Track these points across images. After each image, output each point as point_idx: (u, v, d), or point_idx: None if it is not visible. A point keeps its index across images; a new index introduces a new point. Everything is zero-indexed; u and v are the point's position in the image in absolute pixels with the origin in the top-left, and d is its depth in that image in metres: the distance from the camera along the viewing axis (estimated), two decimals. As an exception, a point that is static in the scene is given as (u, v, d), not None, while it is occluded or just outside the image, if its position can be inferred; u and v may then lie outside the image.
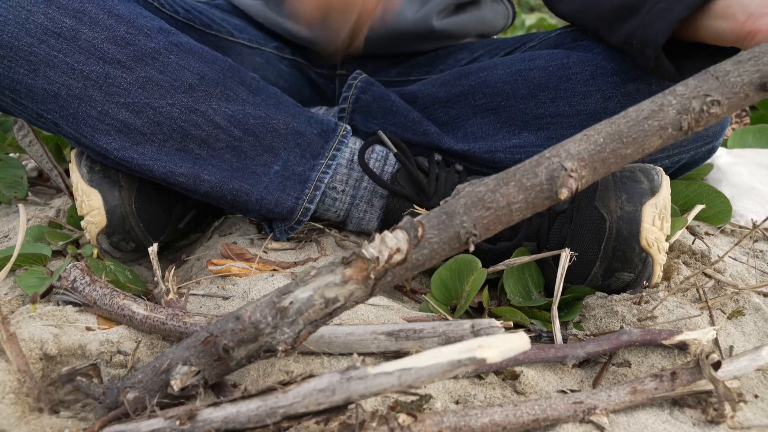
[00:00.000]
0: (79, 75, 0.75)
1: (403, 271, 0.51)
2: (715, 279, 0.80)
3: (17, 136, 0.99)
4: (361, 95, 0.94)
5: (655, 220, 0.74)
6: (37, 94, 0.75)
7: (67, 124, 0.77)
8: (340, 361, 0.64)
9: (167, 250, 0.98)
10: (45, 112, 0.77)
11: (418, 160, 0.88)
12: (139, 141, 0.79)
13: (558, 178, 0.50)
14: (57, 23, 0.74)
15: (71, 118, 0.77)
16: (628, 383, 0.59)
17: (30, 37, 0.73)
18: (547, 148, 0.54)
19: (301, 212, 0.86)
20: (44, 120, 0.78)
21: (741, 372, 0.62)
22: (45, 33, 0.73)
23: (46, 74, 0.74)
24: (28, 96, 0.76)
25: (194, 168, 0.82)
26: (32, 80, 0.75)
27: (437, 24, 1.02)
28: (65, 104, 0.76)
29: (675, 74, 0.75)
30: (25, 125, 0.96)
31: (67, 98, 0.76)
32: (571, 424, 0.56)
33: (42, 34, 0.73)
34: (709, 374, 0.57)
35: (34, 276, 0.77)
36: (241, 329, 0.50)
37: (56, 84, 0.75)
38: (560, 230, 0.80)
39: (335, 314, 0.50)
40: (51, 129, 0.79)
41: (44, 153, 0.97)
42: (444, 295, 0.76)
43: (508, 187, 0.51)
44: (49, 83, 0.75)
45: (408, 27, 1.01)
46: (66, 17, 0.74)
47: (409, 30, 1.02)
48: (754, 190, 1.05)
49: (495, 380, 0.63)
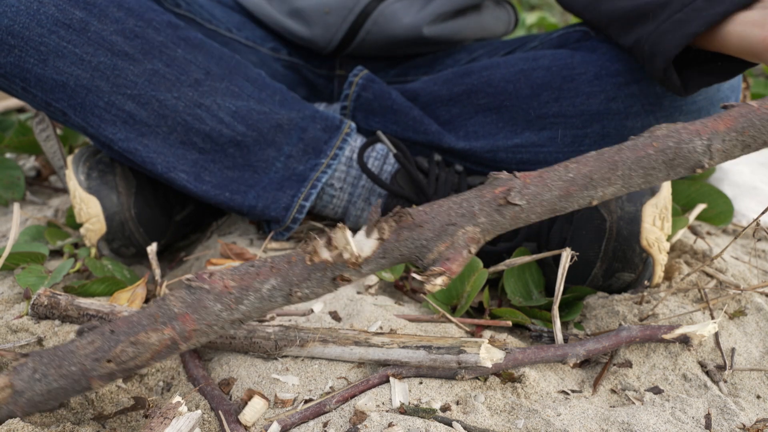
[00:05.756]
0: (88, 66, 0.76)
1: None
2: (717, 279, 0.80)
3: (35, 129, 0.99)
4: (362, 93, 0.94)
5: (656, 220, 0.73)
6: (46, 84, 0.77)
7: (74, 113, 0.78)
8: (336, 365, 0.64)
9: (167, 251, 0.98)
10: (53, 101, 0.78)
11: (418, 161, 0.88)
12: (144, 132, 0.80)
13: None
14: (67, 14, 0.75)
15: (78, 107, 0.78)
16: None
17: (41, 28, 0.74)
18: (549, 148, 0.53)
19: (297, 209, 0.86)
20: (53, 108, 0.79)
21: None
22: (55, 24, 0.75)
23: (55, 64, 0.76)
24: (37, 85, 0.77)
25: (195, 166, 0.83)
26: (42, 70, 0.76)
27: (429, 31, 1.01)
28: (73, 94, 0.77)
29: (680, 88, 0.73)
30: (46, 119, 0.96)
31: (75, 88, 0.77)
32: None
33: (52, 25, 0.75)
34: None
35: (32, 275, 0.77)
36: None
37: (65, 74, 0.76)
38: (560, 230, 0.80)
39: None
40: (59, 118, 0.81)
41: (58, 150, 0.97)
42: (445, 294, 0.76)
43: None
44: (58, 73, 0.76)
45: (403, 32, 1.01)
46: (76, 9, 0.76)
47: (404, 35, 1.01)
48: (756, 189, 1.04)
49: (496, 381, 0.63)
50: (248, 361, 0.63)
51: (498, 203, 0.52)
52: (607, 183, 0.53)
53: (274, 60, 1.06)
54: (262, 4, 1.05)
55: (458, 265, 0.51)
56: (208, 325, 0.51)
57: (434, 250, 0.51)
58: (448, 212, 0.52)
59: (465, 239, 0.51)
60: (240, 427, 0.56)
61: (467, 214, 0.52)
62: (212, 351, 0.66)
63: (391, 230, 0.51)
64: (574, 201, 0.53)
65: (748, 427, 0.59)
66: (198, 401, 0.59)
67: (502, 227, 0.53)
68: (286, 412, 0.57)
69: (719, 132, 0.53)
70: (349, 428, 0.55)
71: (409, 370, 0.61)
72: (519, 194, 0.52)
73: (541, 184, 0.52)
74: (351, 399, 0.59)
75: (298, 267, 0.52)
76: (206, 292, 0.51)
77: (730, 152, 0.54)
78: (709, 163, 0.54)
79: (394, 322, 0.69)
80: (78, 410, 0.60)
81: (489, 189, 0.53)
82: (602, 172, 0.53)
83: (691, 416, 0.59)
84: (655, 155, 0.53)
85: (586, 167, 0.53)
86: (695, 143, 0.53)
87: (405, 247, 0.51)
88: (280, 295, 0.52)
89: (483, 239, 0.52)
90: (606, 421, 0.57)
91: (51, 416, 0.60)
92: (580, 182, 0.53)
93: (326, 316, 0.71)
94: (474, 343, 0.60)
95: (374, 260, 0.51)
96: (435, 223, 0.51)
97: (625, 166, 0.53)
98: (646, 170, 0.53)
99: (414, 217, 0.51)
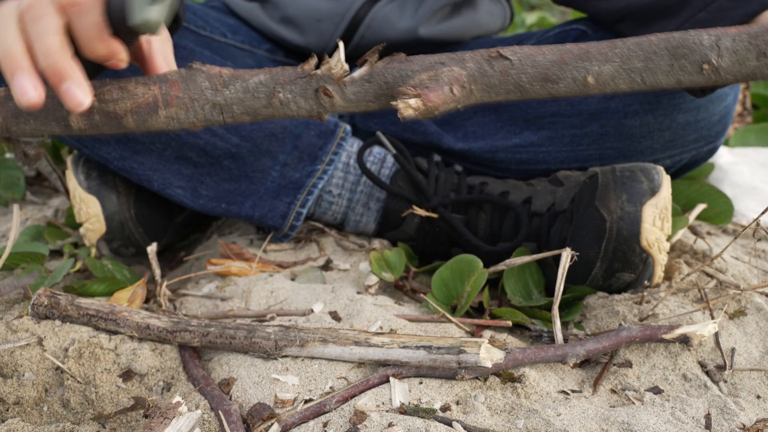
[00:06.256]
0: None
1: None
2: (717, 279, 0.79)
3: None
4: None
5: (656, 221, 0.73)
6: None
7: (67, 134, 0.78)
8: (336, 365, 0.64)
9: (167, 251, 0.98)
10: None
11: (417, 161, 0.88)
12: (139, 150, 0.80)
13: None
14: None
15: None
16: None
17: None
18: (548, 147, 0.54)
19: (294, 216, 0.85)
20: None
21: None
22: None
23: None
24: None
25: (192, 181, 0.83)
26: None
27: (426, 32, 1.01)
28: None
29: (697, 90, 0.73)
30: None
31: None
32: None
33: None
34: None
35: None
36: None
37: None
38: (560, 230, 0.80)
39: None
40: (53, 136, 0.80)
41: (43, 156, 0.97)
42: (445, 294, 0.76)
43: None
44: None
45: (399, 36, 1.01)
46: None
47: (401, 39, 1.01)
48: (756, 189, 1.04)
49: (496, 381, 0.63)
50: (248, 361, 0.63)
51: (490, 55, 0.53)
52: (604, 59, 0.52)
53: (270, 62, 1.06)
54: (256, 12, 1.05)
55: (436, 96, 0.52)
56: (191, 99, 0.54)
57: (416, 78, 0.53)
58: (440, 57, 0.54)
59: (450, 77, 0.52)
60: (240, 427, 0.56)
61: (457, 58, 0.53)
62: (212, 351, 0.66)
63: (383, 61, 0.54)
64: (567, 71, 0.52)
65: (748, 427, 0.59)
66: (198, 401, 0.59)
67: (489, 79, 0.53)
68: (286, 412, 0.57)
69: (729, 33, 0.52)
70: (349, 428, 0.55)
71: (409, 370, 0.61)
72: (511, 51, 0.53)
73: (536, 49, 0.53)
74: (351, 399, 0.59)
75: (287, 71, 0.54)
76: (201, 72, 0.55)
77: (743, 57, 0.51)
78: (718, 61, 0.51)
79: (394, 322, 0.69)
80: (78, 410, 0.60)
81: (485, 50, 0.54)
82: (599, 47, 0.53)
83: (691, 416, 0.59)
84: (657, 41, 0.52)
85: (586, 45, 0.53)
86: (702, 37, 0.52)
87: (390, 74, 0.53)
88: (264, 92, 0.54)
89: (468, 86, 0.53)
90: (606, 421, 0.57)
91: (51, 416, 0.60)
92: (575, 51, 0.53)
93: (326, 316, 0.71)
94: (474, 343, 0.60)
95: (359, 81, 0.54)
96: (425, 61, 0.54)
97: (624, 46, 0.52)
98: (647, 54, 0.52)
99: (408, 58, 0.54)
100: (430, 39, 1.02)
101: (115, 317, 0.66)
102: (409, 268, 0.84)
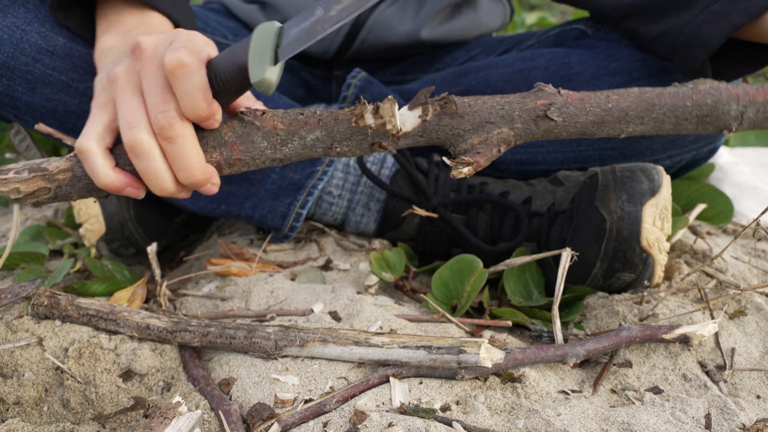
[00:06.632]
0: (75, 92, 0.76)
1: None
2: (717, 279, 0.80)
3: (14, 140, 0.99)
4: (361, 94, 0.94)
5: (656, 221, 0.73)
6: (36, 111, 0.76)
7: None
8: (336, 365, 0.64)
9: (167, 251, 0.98)
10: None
11: (417, 161, 0.88)
12: None
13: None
14: (51, 41, 0.74)
15: (70, 132, 0.77)
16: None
17: (25, 57, 0.74)
18: (548, 148, 0.54)
19: (294, 217, 0.85)
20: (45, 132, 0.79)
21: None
22: (39, 51, 0.74)
23: (43, 92, 0.75)
24: (28, 112, 0.77)
25: None
26: (30, 98, 0.75)
27: (427, 35, 1.01)
28: (63, 119, 0.77)
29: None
30: (22, 129, 0.96)
31: (64, 114, 0.76)
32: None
33: (36, 53, 0.74)
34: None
35: (33, 274, 0.77)
36: None
37: (53, 101, 0.76)
38: (560, 230, 0.80)
39: None
40: (52, 138, 0.80)
41: (41, 157, 0.97)
42: (445, 294, 0.76)
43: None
44: (46, 100, 0.76)
45: (401, 39, 1.01)
46: (59, 35, 0.74)
47: (402, 42, 1.01)
48: (756, 189, 1.04)
49: (496, 381, 0.63)
50: (248, 361, 0.63)
51: (537, 114, 0.54)
52: (640, 122, 0.54)
53: None
54: (256, 15, 1.05)
55: (486, 160, 0.54)
56: (252, 158, 0.56)
57: (468, 141, 0.54)
58: (489, 110, 0.54)
59: (498, 138, 0.54)
60: (240, 427, 0.56)
61: (506, 116, 0.54)
62: (212, 351, 0.66)
63: (435, 113, 0.54)
64: (604, 129, 0.55)
65: (748, 427, 0.59)
66: (198, 401, 0.59)
67: (533, 136, 0.55)
68: (286, 412, 0.57)
69: (756, 102, 0.54)
70: (349, 428, 0.55)
71: (409, 370, 0.61)
72: (558, 111, 0.54)
73: (581, 107, 0.54)
74: (351, 399, 0.59)
75: (342, 126, 0.55)
76: (256, 128, 0.55)
77: (760, 123, 0.55)
78: (737, 128, 0.55)
79: (394, 322, 0.69)
80: (78, 410, 0.60)
81: (533, 98, 0.55)
82: (639, 110, 0.54)
83: (691, 416, 0.59)
84: (691, 108, 0.54)
85: (625, 102, 0.54)
86: (731, 107, 0.54)
87: (443, 132, 0.54)
88: (321, 147, 0.56)
89: (514, 143, 0.55)
90: (606, 421, 0.57)
91: (51, 416, 0.60)
92: (615, 114, 0.54)
93: (326, 316, 0.71)
94: (474, 343, 0.60)
95: (412, 136, 0.55)
96: (475, 117, 0.54)
97: (661, 111, 0.54)
98: (678, 119, 0.54)
99: (458, 107, 0.54)
100: (431, 41, 1.02)
101: (115, 317, 0.66)
102: (409, 268, 0.84)
